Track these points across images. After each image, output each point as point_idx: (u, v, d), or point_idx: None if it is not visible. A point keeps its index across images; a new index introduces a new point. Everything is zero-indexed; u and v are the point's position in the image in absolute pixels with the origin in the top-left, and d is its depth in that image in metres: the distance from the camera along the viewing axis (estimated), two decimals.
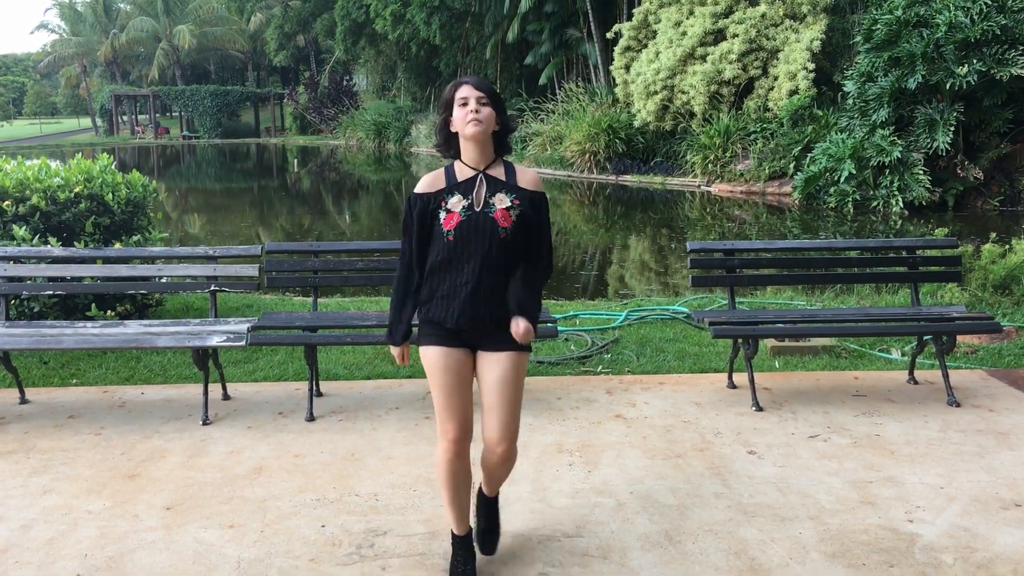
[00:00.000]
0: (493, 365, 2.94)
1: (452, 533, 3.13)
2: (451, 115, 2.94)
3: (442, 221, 2.91)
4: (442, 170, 3.00)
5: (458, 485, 3.02)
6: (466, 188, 2.92)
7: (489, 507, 3.25)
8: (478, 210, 2.90)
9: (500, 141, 2.98)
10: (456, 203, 2.90)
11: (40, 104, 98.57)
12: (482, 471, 3.14)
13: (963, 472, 4.01)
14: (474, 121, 2.85)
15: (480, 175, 2.94)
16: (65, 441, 4.49)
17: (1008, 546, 3.33)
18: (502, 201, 2.92)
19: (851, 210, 14.66)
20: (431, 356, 2.95)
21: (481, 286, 2.89)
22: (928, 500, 3.72)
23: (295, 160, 34.89)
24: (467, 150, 2.96)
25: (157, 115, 56.04)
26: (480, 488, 3.25)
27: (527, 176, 3.00)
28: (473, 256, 2.89)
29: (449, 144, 3.01)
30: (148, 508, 3.71)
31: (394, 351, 3.09)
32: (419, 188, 2.98)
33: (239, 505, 3.74)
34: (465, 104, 2.88)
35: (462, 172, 2.96)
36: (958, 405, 4.89)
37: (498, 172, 2.97)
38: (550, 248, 3.04)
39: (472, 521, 3.24)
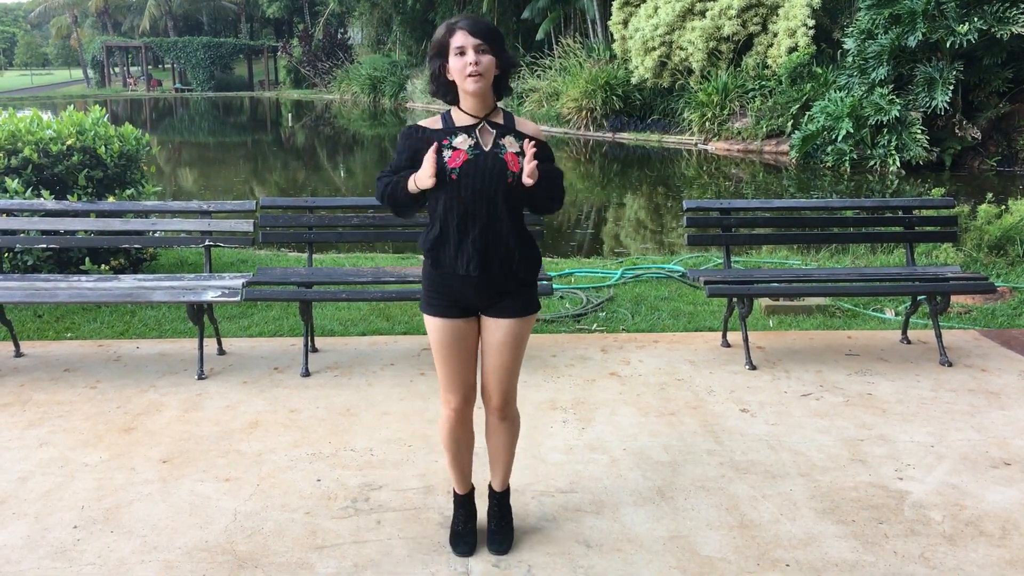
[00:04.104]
0: (495, 330, 2.87)
1: (454, 492, 3.12)
2: (446, 62, 2.72)
3: (447, 159, 2.71)
4: (439, 117, 2.83)
5: (460, 449, 3.00)
6: (469, 131, 2.76)
7: (500, 504, 3.12)
8: (487, 150, 2.73)
9: (499, 83, 2.78)
10: (462, 142, 2.73)
11: (31, 55, 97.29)
12: (487, 447, 3.07)
13: (954, 431, 4.05)
14: (474, 76, 2.66)
15: (483, 122, 2.77)
16: (61, 394, 4.51)
17: (996, 504, 3.37)
18: (512, 145, 2.75)
19: (848, 169, 14.61)
20: (434, 327, 2.86)
21: (489, 231, 2.74)
22: (918, 458, 3.76)
23: (290, 115, 34.58)
24: (466, 99, 2.76)
25: (149, 67, 55.35)
26: (490, 484, 3.15)
27: (528, 126, 2.83)
28: (479, 198, 2.72)
29: (446, 91, 2.79)
30: (145, 461, 3.74)
31: (422, 174, 2.70)
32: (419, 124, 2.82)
33: (235, 459, 3.76)
34: (462, 54, 2.66)
35: (461, 120, 2.79)
36: (950, 365, 4.92)
37: (498, 119, 2.80)
38: (561, 187, 2.86)
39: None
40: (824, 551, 3.05)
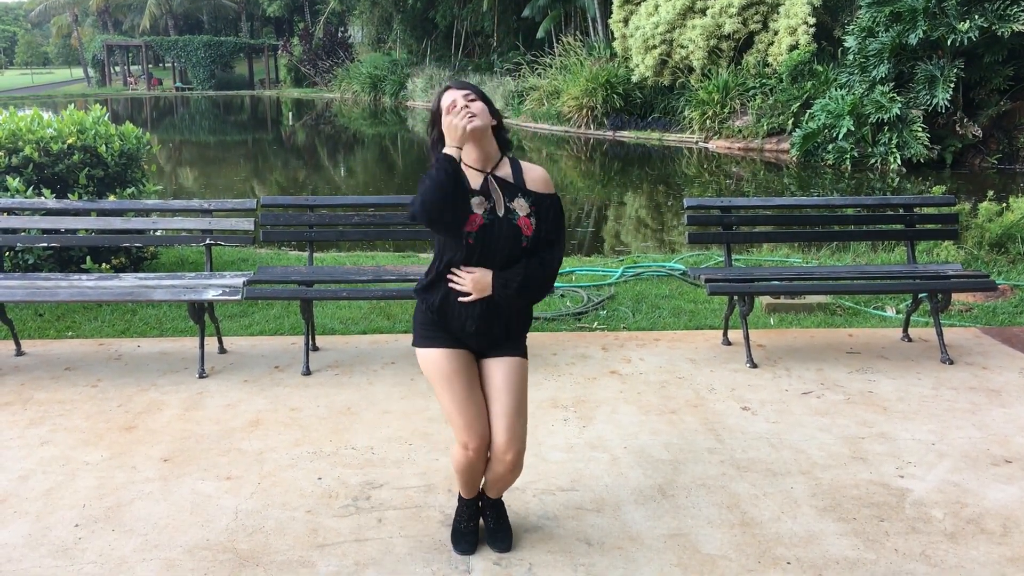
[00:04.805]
0: (498, 370, 2.84)
1: (459, 495, 3.09)
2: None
3: (463, 224, 2.72)
4: None
5: (475, 476, 2.96)
6: (483, 192, 2.76)
7: (496, 508, 3.11)
8: (501, 215, 2.74)
9: (499, 137, 2.82)
10: (478, 204, 2.74)
11: (31, 54, 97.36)
12: (487, 477, 2.99)
13: (954, 429, 4.05)
14: (468, 115, 2.68)
15: (488, 176, 2.78)
16: (62, 393, 4.51)
17: (997, 501, 3.37)
18: (522, 207, 2.76)
19: (849, 167, 14.60)
20: (435, 361, 2.81)
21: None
22: (919, 456, 3.76)
23: (290, 113, 34.57)
24: (468, 152, 2.78)
25: (150, 66, 55.33)
26: (483, 490, 3.09)
27: (535, 175, 2.83)
28: (491, 263, 2.75)
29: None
30: (146, 460, 3.74)
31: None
32: None
33: (236, 457, 3.76)
34: (454, 106, 2.72)
35: (468, 174, 2.78)
36: (951, 363, 4.92)
37: (505, 172, 2.81)
38: (561, 246, 2.86)
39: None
40: (825, 549, 3.05)
